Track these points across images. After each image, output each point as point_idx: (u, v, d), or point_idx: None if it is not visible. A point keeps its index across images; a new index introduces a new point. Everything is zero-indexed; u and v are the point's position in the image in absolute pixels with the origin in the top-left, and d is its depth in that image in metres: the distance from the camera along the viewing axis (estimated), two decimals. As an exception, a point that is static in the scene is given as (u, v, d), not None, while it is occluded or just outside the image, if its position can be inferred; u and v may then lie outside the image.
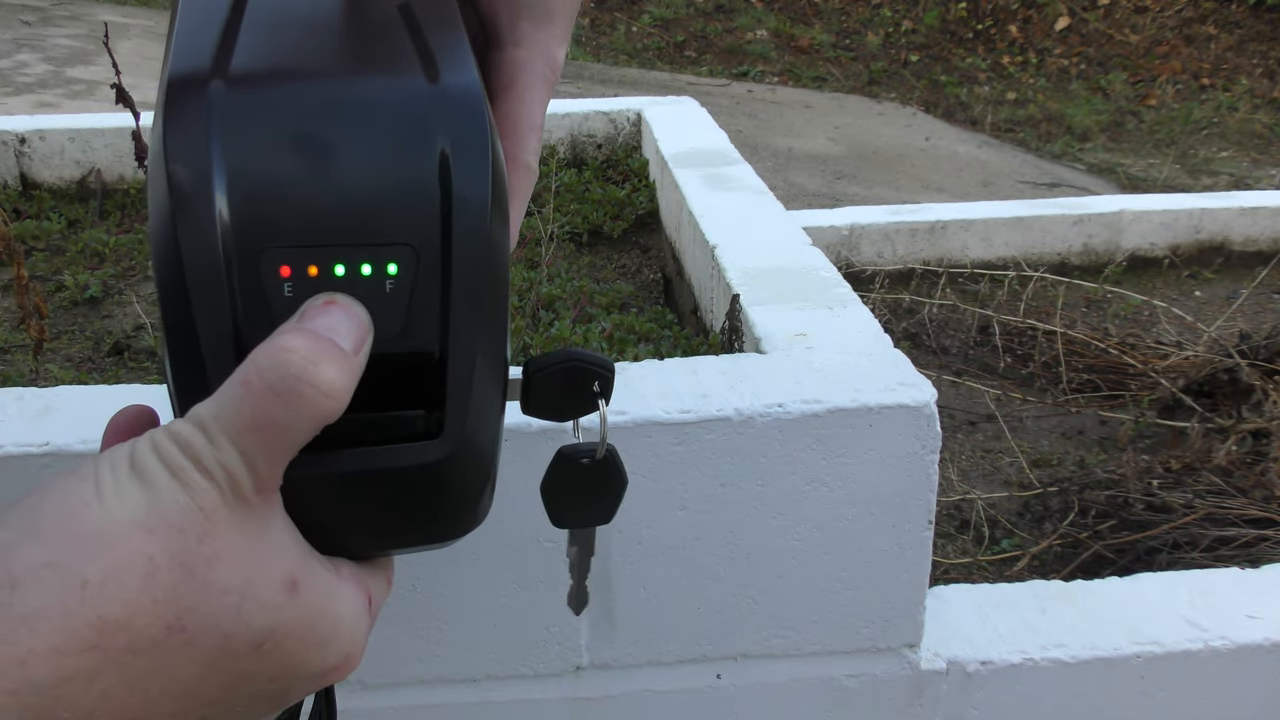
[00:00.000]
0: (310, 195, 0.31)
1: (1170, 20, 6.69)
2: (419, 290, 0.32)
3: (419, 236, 0.31)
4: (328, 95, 0.32)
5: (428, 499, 0.34)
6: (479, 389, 0.33)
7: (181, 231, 0.30)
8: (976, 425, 2.08)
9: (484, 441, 0.34)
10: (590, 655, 0.88)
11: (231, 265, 0.30)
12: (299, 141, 0.31)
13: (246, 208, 0.30)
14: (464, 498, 0.34)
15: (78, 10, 5.96)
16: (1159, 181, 4.85)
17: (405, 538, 0.35)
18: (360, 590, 0.34)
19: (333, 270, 0.31)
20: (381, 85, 0.33)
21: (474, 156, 0.32)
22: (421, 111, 0.32)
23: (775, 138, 5.01)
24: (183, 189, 0.30)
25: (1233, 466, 1.74)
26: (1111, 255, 2.85)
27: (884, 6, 6.95)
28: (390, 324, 0.32)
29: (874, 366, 0.86)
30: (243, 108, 0.31)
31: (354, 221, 0.31)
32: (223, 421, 0.29)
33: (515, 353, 1.18)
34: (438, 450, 0.32)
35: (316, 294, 0.31)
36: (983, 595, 1.02)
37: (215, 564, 0.29)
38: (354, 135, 0.31)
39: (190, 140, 0.30)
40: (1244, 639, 0.97)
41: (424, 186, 0.31)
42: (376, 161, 0.31)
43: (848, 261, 2.70)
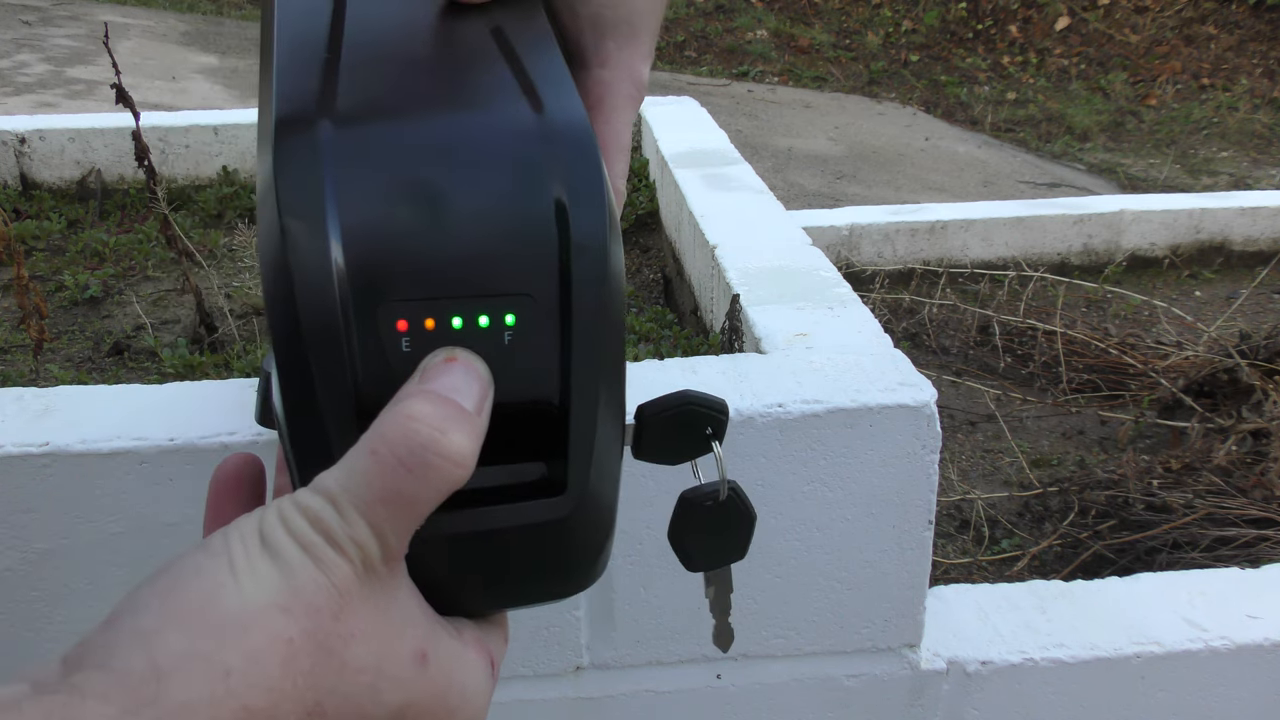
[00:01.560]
0: (425, 246, 0.29)
1: (1170, 20, 6.69)
2: (537, 340, 0.30)
3: (536, 285, 0.30)
4: (436, 137, 0.31)
5: (552, 556, 0.32)
6: (601, 440, 0.32)
7: (299, 288, 0.29)
8: (976, 425, 2.08)
9: (606, 494, 0.33)
10: (590, 655, 0.88)
11: (349, 321, 0.29)
12: (411, 189, 0.30)
13: (362, 260, 0.29)
14: (587, 552, 0.33)
15: (78, 10, 5.96)
16: (1159, 181, 4.85)
17: (528, 595, 0.34)
18: (482, 653, 0.33)
19: (450, 323, 0.30)
20: (489, 122, 0.31)
21: (590, 198, 0.31)
22: (533, 151, 0.31)
23: (775, 138, 5.01)
24: (299, 242, 0.29)
25: (1233, 466, 1.74)
26: (1111, 255, 2.85)
27: (884, 6, 6.95)
28: (510, 375, 0.30)
29: (874, 366, 0.86)
30: (353, 153, 0.30)
31: (470, 272, 0.30)
32: (352, 494, 0.29)
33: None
34: (562, 507, 0.31)
35: (436, 350, 0.30)
36: (983, 595, 1.02)
37: (351, 642, 0.28)
38: (466, 180, 0.30)
39: (304, 189, 0.29)
40: (1244, 639, 0.97)
41: (540, 233, 0.30)
42: (490, 208, 0.30)
43: (848, 261, 2.70)
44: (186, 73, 5.10)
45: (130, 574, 0.81)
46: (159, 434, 0.75)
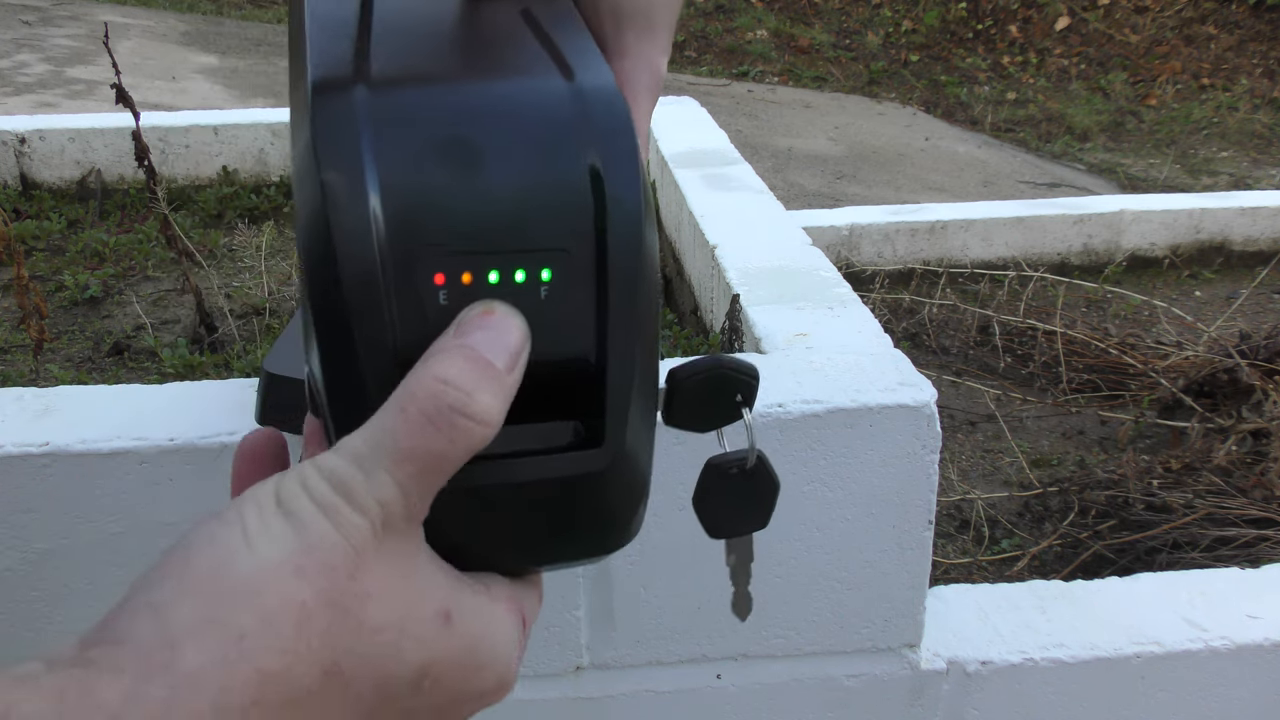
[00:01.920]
0: (463, 201, 0.30)
1: (1170, 20, 6.69)
2: (574, 296, 0.31)
3: (573, 241, 0.30)
4: (471, 99, 0.31)
5: (587, 511, 0.32)
6: (638, 397, 0.32)
7: (338, 241, 0.29)
8: (976, 425, 2.08)
9: (641, 452, 0.33)
10: (590, 655, 0.88)
11: (388, 274, 0.29)
12: (448, 146, 0.30)
13: (401, 214, 0.29)
14: (622, 510, 0.33)
15: (78, 10, 5.96)
16: (1159, 181, 4.85)
17: (561, 552, 0.33)
18: (513, 609, 0.33)
19: (486, 277, 0.30)
20: (522, 87, 0.32)
21: (624, 159, 0.31)
22: (566, 114, 0.31)
23: (775, 138, 5.01)
24: (338, 197, 0.29)
25: (1233, 466, 1.74)
26: (1111, 255, 2.85)
27: (884, 6, 6.95)
28: (546, 331, 0.31)
29: (874, 366, 0.86)
30: (389, 113, 0.30)
31: (507, 227, 0.30)
32: (379, 452, 0.29)
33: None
34: (599, 460, 0.31)
35: (474, 303, 0.30)
36: (983, 595, 1.02)
37: (368, 602, 0.28)
38: (501, 139, 0.31)
39: (342, 147, 0.30)
40: (1244, 639, 0.97)
41: (576, 190, 0.31)
42: (526, 166, 0.30)
43: (848, 261, 2.70)
44: (186, 73, 5.10)
45: (130, 574, 0.81)
46: (159, 434, 0.75)
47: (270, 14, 6.53)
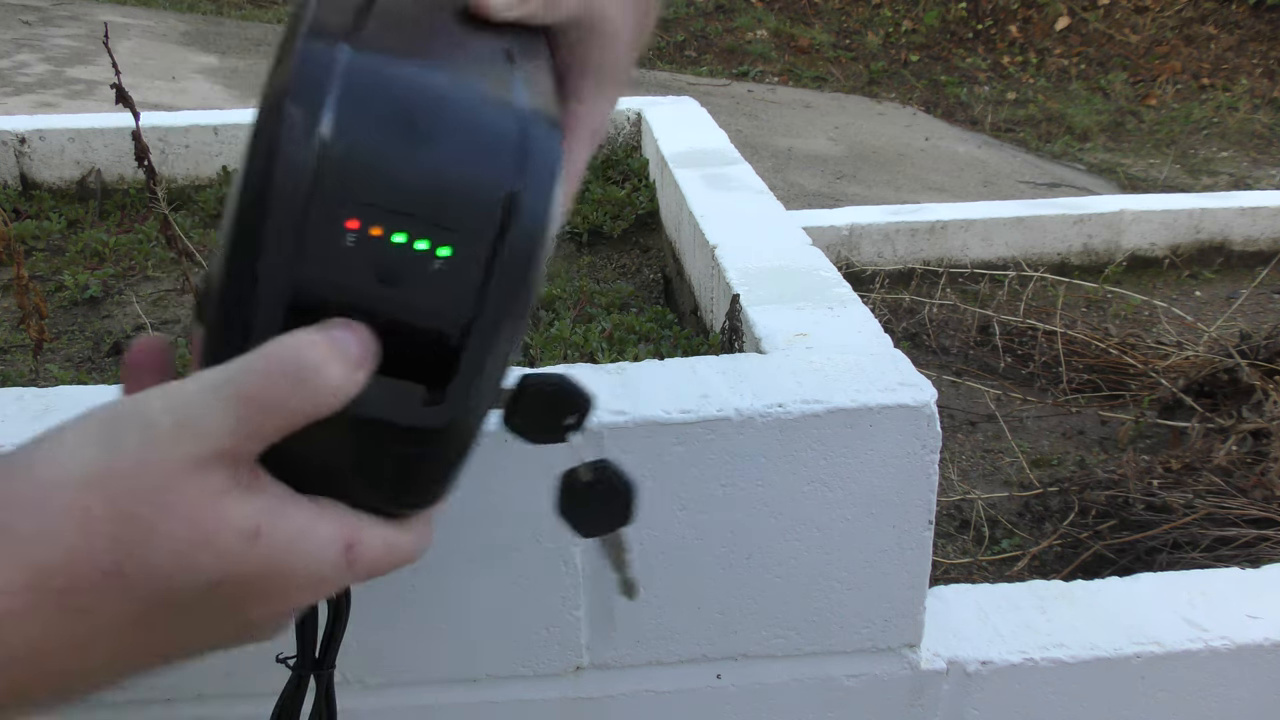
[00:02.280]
0: (397, 167, 0.33)
1: (1170, 20, 6.69)
2: (459, 280, 0.34)
3: (478, 233, 0.34)
4: (437, 91, 0.35)
5: (406, 461, 0.35)
6: (486, 378, 0.35)
7: (282, 153, 0.32)
8: (977, 425, 2.08)
9: (470, 429, 0.36)
10: (590, 655, 0.88)
11: (312, 204, 0.32)
12: (401, 119, 0.34)
13: (339, 158, 0.33)
14: (441, 469, 0.37)
15: (78, 10, 5.96)
16: (1159, 181, 4.85)
17: (375, 493, 0.36)
18: (340, 534, 0.35)
19: (392, 236, 0.33)
20: (487, 96, 0.36)
21: (543, 186, 0.35)
22: (511, 133, 0.35)
23: (775, 138, 5.01)
24: (292, 127, 0.32)
25: (1233, 466, 1.74)
26: (1112, 255, 2.85)
27: (884, 6, 6.95)
28: (426, 298, 0.34)
29: (874, 366, 0.86)
30: (364, 74, 0.34)
31: (426, 202, 0.34)
32: (230, 386, 0.32)
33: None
34: (434, 418, 0.35)
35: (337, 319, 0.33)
36: (983, 595, 1.02)
37: (168, 514, 0.31)
38: (450, 129, 0.34)
39: (312, 88, 0.33)
40: (1244, 639, 0.97)
41: (494, 197, 0.34)
42: (461, 161, 0.34)
43: (848, 261, 2.70)
44: (186, 73, 5.10)
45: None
46: (158, 434, 0.75)
47: (270, 14, 6.53)
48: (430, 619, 0.85)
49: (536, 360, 1.17)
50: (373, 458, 0.35)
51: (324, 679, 0.63)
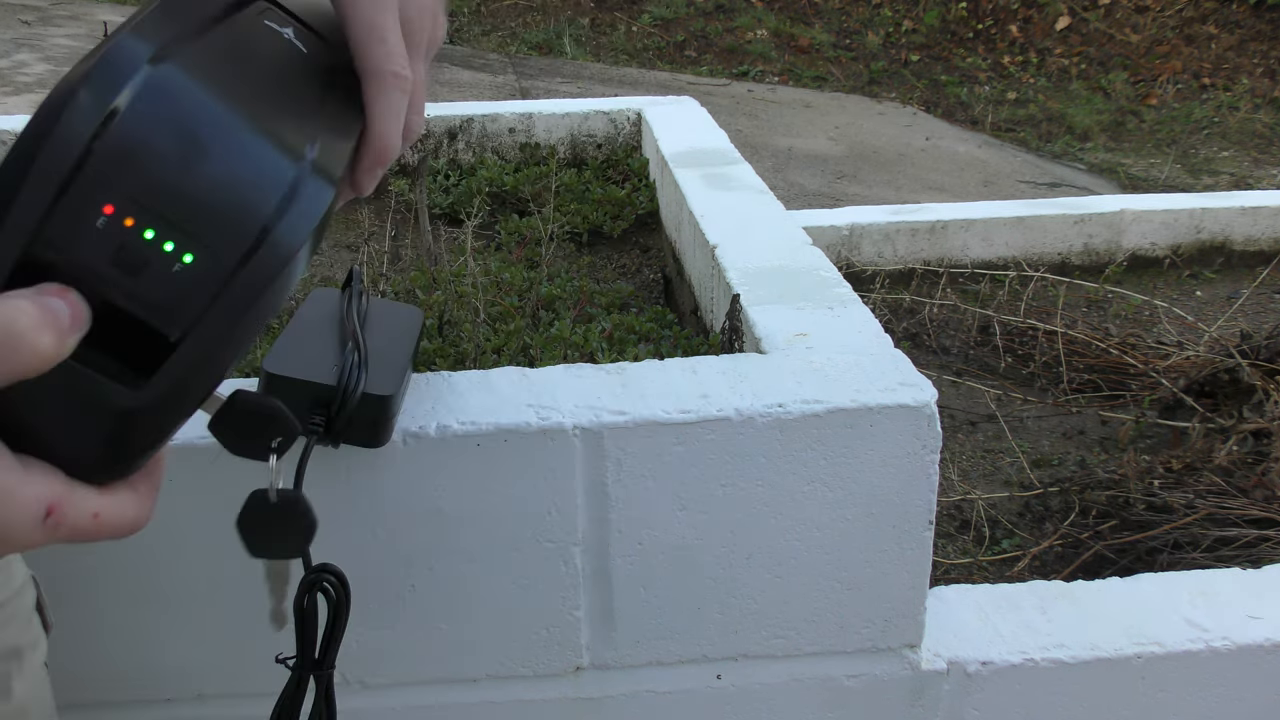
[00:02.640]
0: (170, 173, 0.36)
1: (1171, 20, 6.69)
2: (195, 288, 0.36)
3: (225, 251, 0.37)
4: (238, 122, 0.38)
5: (105, 434, 0.37)
6: (191, 379, 0.38)
7: (60, 128, 0.34)
8: (977, 425, 2.08)
9: (167, 419, 0.38)
10: (590, 655, 0.88)
11: (79, 171, 0.34)
12: (192, 135, 0.36)
13: (118, 146, 0.35)
14: (130, 448, 0.39)
15: (77, 10, 5.96)
16: (1160, 181, 4.85)
17: (73, 457, 0.38)
18: (42, 493, 0.36)
19: (143, 231, 0.36)
20: (281, 141, 0.39)
21: (300, 227, 0.38)
22: (290, 177, 0.38)
23: (775, 138, 5.01)
24: (81, 101, 0.35)
25: (1234, 467, 1.74)
26: (1112, 255, 2.85)
27: (884, 6, 6.95)
28: (155, 292, 0.36)
29: (874, 366, 0.86)
30: (165, 85, 0.36)
31: (187, 210, 0.36)
32: None
33: (515, 352, 1.18)
34: (132, 399, 0.37)
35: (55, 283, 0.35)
36: (983, 595, 1.02)
37: None
38: (234, 157, 0.37)
39: (113, 75, 0.35)
40: (1245, 639, 0.97)
41: (254, 223, 0.37)
42: (236, 184, 0.37)
43: (848, 261, 2.70)
44: (187, 73, 5.10)
45: (124, 572, 0.81)
46: (158, 434, 0.75)
47: (270, 14, 6.53)
48: (430, 619, 0.85)
49: (537, 360, 1.17)
50: (70, 422, 0.37)
51: (324, 679, 0.63)
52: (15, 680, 0.58)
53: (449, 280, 1.36)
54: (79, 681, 0.83)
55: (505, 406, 0.80)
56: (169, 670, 0.85)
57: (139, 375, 0.37)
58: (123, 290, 0.36)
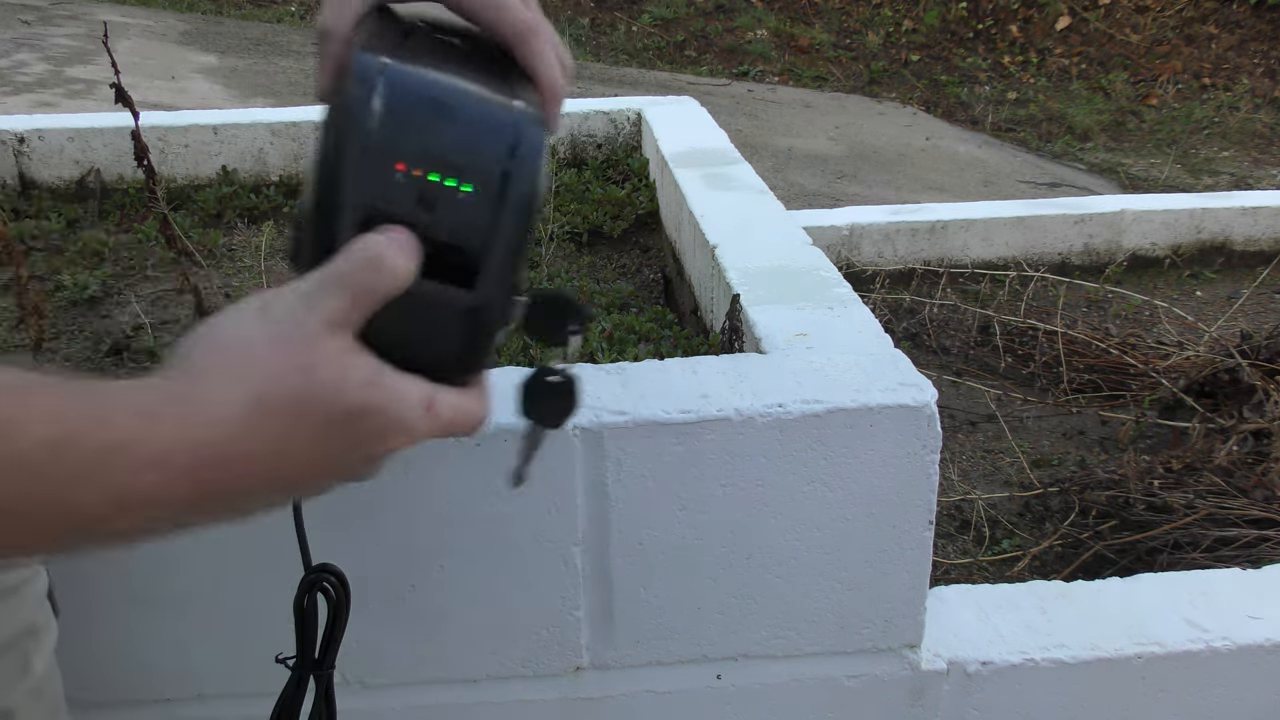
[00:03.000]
0: (433, 132, 0.48)
1: (1171, 20, 6.69)
2: (479, 207, 0.49)
3: (489, 178, 0.49)
4: (462, 86, 0.51)
5: (454, 336, 0.50)
6: (500, 276, 0.49)
7: (350, 118, 0.47)
8: (977, 425, 2.08)
9: (495, 310, 0.50)
10: (590, 655, 0.88)
11: (371, 149, 0.47)
12: (437, 102, 0.49)
13: (392, 122, 0.48)
14: (477, 342, 0.51)
15: (77, 10, 5.96)
16: (1160, 181, 4.84)
17: (435, 363, 0.50)
18: (421, 391, 0.48)
19: (429, 175, 0.48)
20: (487, 94, 0.51)
21: (531, 161, 0.50)
22: (508, 118, 0.50)
23: (775, 138, 5.01)
24: (357, 97, 0.48)
25: (1234, 467, 1.74)
26: (1112, 255, 2.85)
27: (884, 6, 6.95)
28: (453, 218, 0.48)
29: (874, 366, 0.86)
30: (404, 73, 0.49)
31: (454, 153, 0.48)
32: (332, 278, 0.45)
33: (515, 352, 1.18)
34: (469, 299, 0.49)
35: (392, 224, 0.47)
36: (983, 595, 1.02)
37: (319, 365, 0.44)
38: (469, 112, 0.49)
39: (368, 76, 0.48)
40: (1245, 639, 0.97)
41: (503, 150, 0.49)
42: (479, 128, 0.49)
43: (848, 261, 2.70)
44: (186, 72, 5.10)
45: (124, 572, 0.81)
46: (158, 434, 0.75)
47: (270, 14, 6.53)
48: (430, 619, 0.85)
49: (537, 360, 1.17)
50: (428, 334, 0.49)
51: (324, 679, 0.63)
52: (34, 658, 0.62)
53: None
54: (79, 681, 0.83)
55: (505, 406, 0.80)
56: (169, 670, 0.85)
57: (465, 283, 0.49)
58: (431, 221, 0.48)
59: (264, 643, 0.76)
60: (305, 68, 5.34)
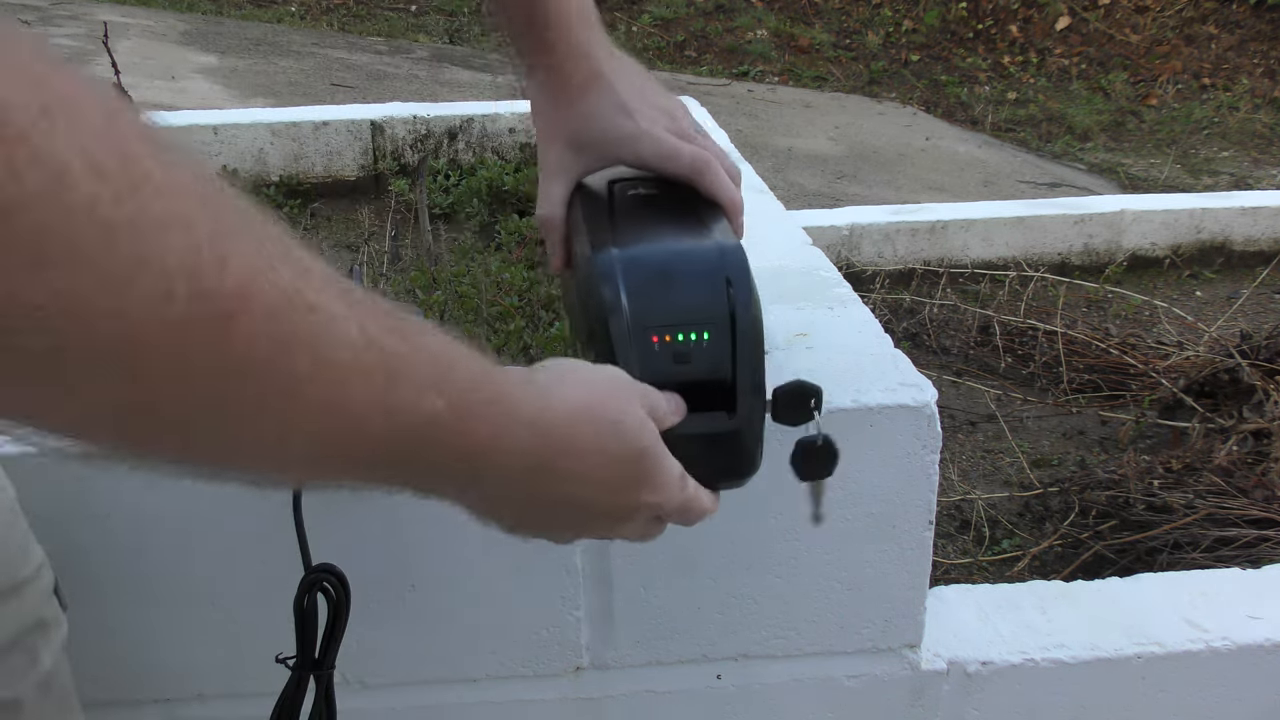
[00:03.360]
0: (668, 302, 0.59)
1: (1171, 20, 6.69)
2: (719, 347, 0.59)
3: (720, 318, 0.59)
4: (673, 250, 0.62)
5: (726, 451, 0.61)
6: (752, 396, 0.60)
7: (612, 316, 0.59)
8: (977, 425, 2.08)
9: (754, 424, 0.61)
10: (590, 655, 0.88)
11: (633, 332, 0.58)
12: (662, 275, 0.60)
13: (640, 306, 0.59)
14: (745, 453, 0.61)
15: (77, 10, 5.96)
16: (1160, 181, 4.84)
17: (716, 476, 0.60)
18: (680, 470, 0.56)
19: (677, 336, 0.59)
20: (693, 244, 0.63)
21: (743, 279, 0.61)
22: (715, 259, 0.61)
23: (775, 138, 5.01)
24: (610, 295, 0.59)
25: (1234, 467, 1.74)
26: (1112, 255, 2.85)
27: (884, 6, 6.95)
28: (705, 362, 0.59)
29: (874, 366, 0.86)
30: (631, 260, 0.60)
31: (688, 315, 0.59)
32: (646, 400, 0.55)
33: (516, 352, 1.18)
34: (731, 423, 0.59)
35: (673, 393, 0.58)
36: (983, 595, 1.02)
37: (632, 412, 0.53)
38: (685, 271, 0.60)
39: (611, 279, 0.60)
40: (1245, 639, 0.97)
41: (718, 288, 0.60)
42: (695, 280, 0.60)
43: (848, 261, 2.70)
44: (186, 72, 5.10)
45: (124, 573, 0.81)
46: (158, 434, 0.75)
47: (270, 14, 6.53)
48: (430, 619, 0.85)
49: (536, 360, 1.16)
50: (701, 454, 0.59)
51: (324, 679, 0.63)
52: (43, 651, 0.63)
53: (449, 280, 1.36)
54: (79, 681, 0.83)
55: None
56: (169, 670, 0.85)
57: (727, 410, 0.59)
58: (688, 370, 0.59)
59: (264, 643, 0.76)
60: (305, 68, 5.35)
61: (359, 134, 1.84)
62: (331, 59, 5.58)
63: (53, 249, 0.27)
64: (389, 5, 6.85)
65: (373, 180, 1.87)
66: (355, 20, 6.64)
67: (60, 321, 0.28)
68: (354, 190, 1.87)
